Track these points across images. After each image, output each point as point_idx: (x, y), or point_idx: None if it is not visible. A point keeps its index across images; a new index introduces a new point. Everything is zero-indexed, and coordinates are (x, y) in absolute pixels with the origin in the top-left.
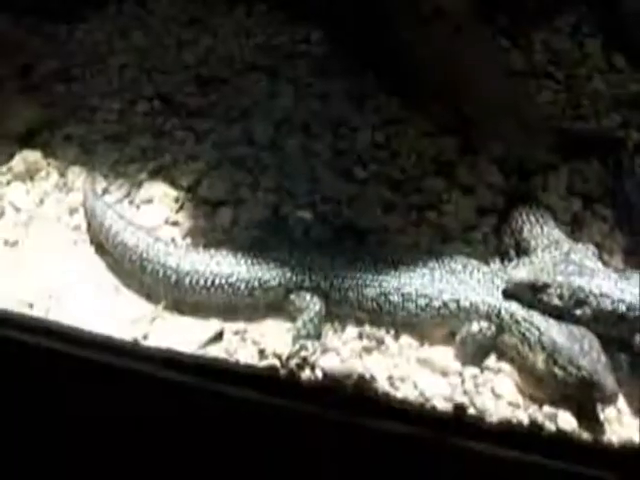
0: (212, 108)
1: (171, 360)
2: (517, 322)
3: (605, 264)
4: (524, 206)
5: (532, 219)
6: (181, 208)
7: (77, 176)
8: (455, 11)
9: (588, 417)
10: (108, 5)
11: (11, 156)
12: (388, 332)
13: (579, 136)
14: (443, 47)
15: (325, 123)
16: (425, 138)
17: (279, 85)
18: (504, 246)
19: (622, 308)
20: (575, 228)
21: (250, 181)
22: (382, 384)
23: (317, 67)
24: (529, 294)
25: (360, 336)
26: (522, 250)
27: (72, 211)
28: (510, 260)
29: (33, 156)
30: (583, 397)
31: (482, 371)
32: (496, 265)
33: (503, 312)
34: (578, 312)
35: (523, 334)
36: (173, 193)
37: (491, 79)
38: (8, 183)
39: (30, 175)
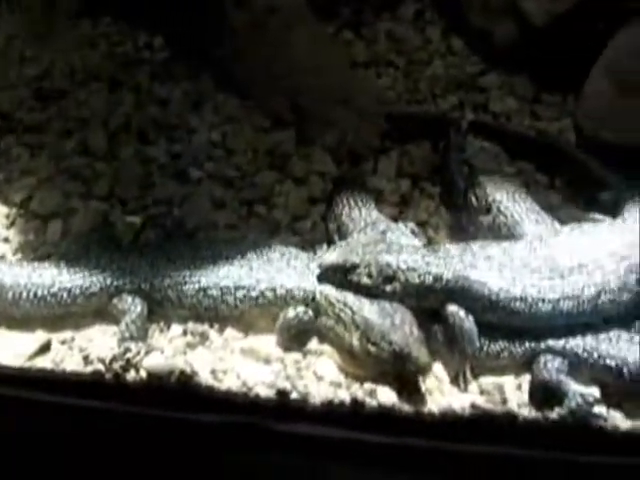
0: (50, 122)
1: None
2: (331, 304)
3: (430, 240)
4: (345, 191)
5: (351, 203)
6: (12, 224)
7: None
8: (288, 7)
9: (410, 390)
10: None
11: None
12: (212, 326)
13: (410, 119)
14: (277, 43)
15: (162, 128)
16: (261, 134)
17: (120, 94)
18: (329, 232)
19: (429, 280)
20: (403, 208)
21: (82, 191)
22: (205, 377)
23: (158, 73)
24: (340, 276)
25: (185, 333)
26: (342, 234)
27: None
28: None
29: None
30: (398, 370)
31: (304, 355)
32: (323, 251)
33: (318, 295)
34: (388, 288)
35: (338, 315)
36: (4, 210)
37: (327, 71)
38: None
39: None
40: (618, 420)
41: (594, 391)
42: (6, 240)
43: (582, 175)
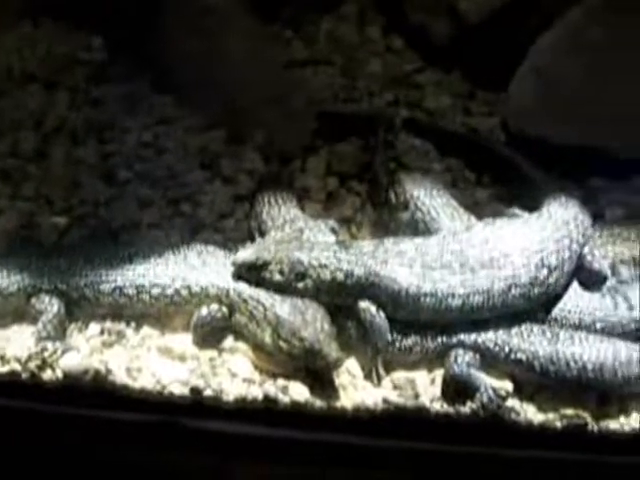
0: None
1: None
2: (245, 301)
3: (352, 237)
4: (267, 189)
5: (272, 201)
6: None
7: None
8: (224, 7)
9: (323, 386)
10: None
11: None
12: (129, 325)
13: (341, 117)
14: (212, 43)
15: (95, 129)
16: (194, 133)
17: (56, 95)
18: (250, 230)
19: (340, 276)
20: (328, 206)
21: (10, 192)
22: (120, 376)
23: (96, 73)
24: (253, 273)
25: (102, 332)
26: (262, 232)
27: None
28: None
29: None
30: (309, 366)
31: (220, 353)
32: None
33: (232, 293)
34: (300, 285)
35: (251, 312)
36: None
37: (260, 71)
38: None
39: None
40: (530, 413)
41: (506, 385)
42: None
43: (508, 172)
